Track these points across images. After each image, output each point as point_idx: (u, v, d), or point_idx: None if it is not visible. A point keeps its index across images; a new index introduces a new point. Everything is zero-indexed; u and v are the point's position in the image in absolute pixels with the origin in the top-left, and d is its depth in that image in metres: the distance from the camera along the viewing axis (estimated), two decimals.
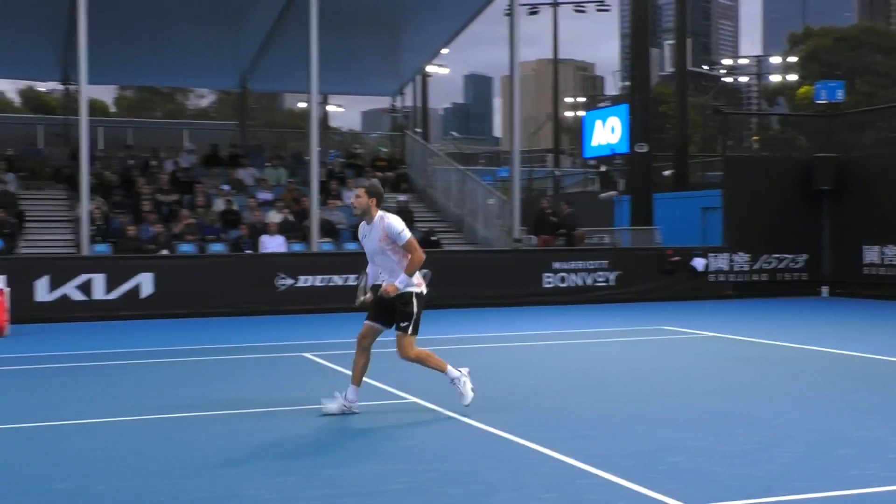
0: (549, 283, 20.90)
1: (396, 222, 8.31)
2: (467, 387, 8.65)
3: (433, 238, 22.40)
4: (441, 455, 7.14)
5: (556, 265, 20.98)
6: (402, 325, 8.39)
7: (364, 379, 8.68)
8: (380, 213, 8.45)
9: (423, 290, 8.56)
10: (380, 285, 8.44)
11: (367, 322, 8.56)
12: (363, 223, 8.57)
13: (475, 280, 20.26)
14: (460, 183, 25.83)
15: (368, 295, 8.51)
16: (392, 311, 8.45)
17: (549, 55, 48.99)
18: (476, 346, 14.03)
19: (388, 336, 8.69)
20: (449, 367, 8.66)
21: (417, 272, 8.45)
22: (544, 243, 23.07)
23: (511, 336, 15.26)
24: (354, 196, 8.51)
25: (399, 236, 8.30)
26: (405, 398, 9.51)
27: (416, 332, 8.46)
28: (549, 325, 16.71)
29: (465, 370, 8.76)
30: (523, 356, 12.93)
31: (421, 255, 8.40)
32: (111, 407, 9.16)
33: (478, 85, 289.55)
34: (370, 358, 8.63)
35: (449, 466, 6.77)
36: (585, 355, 12.97)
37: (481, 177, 28.93)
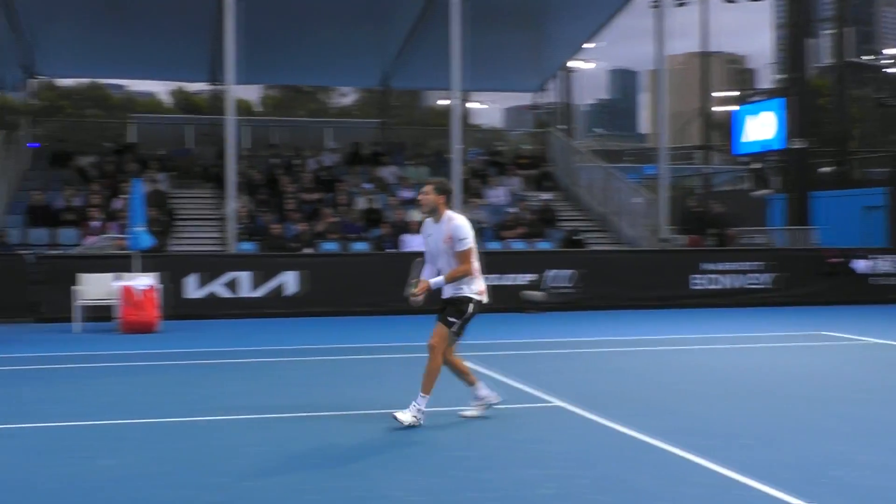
0: (698, 284, 20.45)
1: (464, 226, 8.21)
2: (409, 416, 8.13)
3: (577, 237, 22.23)
4: (589, 461, 7.08)
5: (705, 266, 20.51)
6: (450, 319, 8.30)
7: (507, 381, 8.68)
8: (448, 212, 8.34)
9: (485, 299, 8.44)
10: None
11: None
12: (429, 221, 8.45)
13: (620, 281, 20.00)
14: (605, 181, 25.56)
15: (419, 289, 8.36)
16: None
17: (698, 48, 47.89)
18: (622, 349, 13.84)
19: (529, 338, 8.66)
20: (426, 397, 8.21)
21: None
22: (693, 243, 22.60)
23: (658, 339, 15.01)
24: (422, 192, 8.40)
25: (461, 242, 8.20)
26: (550, 401, 9.46)
27: (458, 334, 8.38)
28: (698, 329, 16.39)
29: (419, 415, 8.16)
30: (672, 360, 12.68)
31: (470, 270, 8.27)
32: (257, 403, 9.43)
33: (623, 80, 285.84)
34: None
35: (598, 473, 6.70)
36: (739, 360, 12.63)
37: (627, 174, 28.58)
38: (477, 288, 8.38)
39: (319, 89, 65.18)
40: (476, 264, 8.36)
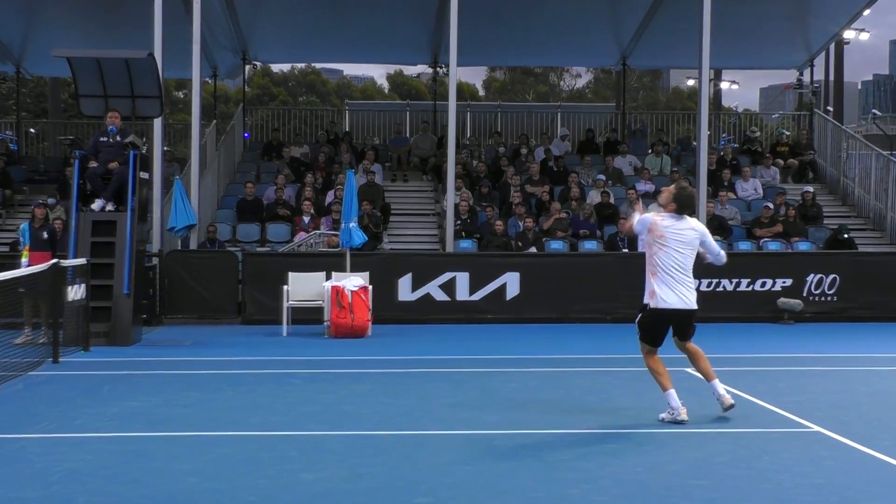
0: None
1: (646, 218, 9.72)
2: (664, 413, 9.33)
3: (845, 236, 21.30)
4: (853, 497, 6.82)
5: None
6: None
7: (753, 400, 8.56)
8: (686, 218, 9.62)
9: (652, 304, 9.53)
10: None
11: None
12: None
13: (894, 289, 19.02)
14: (883, 171, 24.37)
15: None
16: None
17: None
18: (890, 368, 13.18)
19: (782, 352, 8.39)
20: (666, 393, 9.32)
21: (671, 303, 9.48)
22: None
23: None
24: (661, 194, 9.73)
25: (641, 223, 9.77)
26: (802, 425, 9.15)
27: (641, 339, 9.71)
28: None
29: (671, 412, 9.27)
30: None
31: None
32: (469, 418, 9.60)
33: None
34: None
35: None
36: None
37: None
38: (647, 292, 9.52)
39: (549, 70, 65.51)
40: (653, 269, 9.57)
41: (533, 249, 20.26)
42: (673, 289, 9.38)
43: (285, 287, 17.01)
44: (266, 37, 27.97)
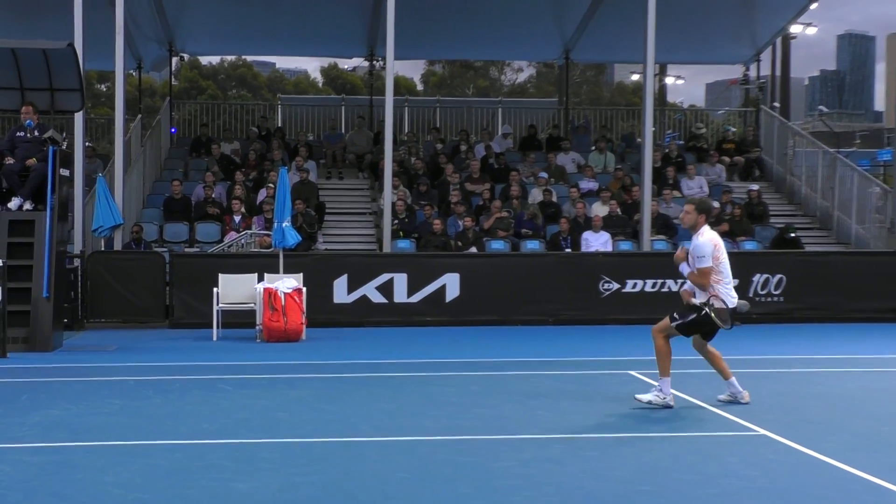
0: None
1: (704, 244, 10.23)
2: (649, 395, 10.43)
3: (791, 235, 21.65)
4: (798, 501, 6.97)
5: None
6: (674, 315, 10.44)
7: (699, 403, 8.69)
8: (703, 228, 10.39)
9: (713, 313, 10.32)
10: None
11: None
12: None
13: (843, 288, 19.38)
14: (829, 169, 24.80)
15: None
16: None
17: None
18: (842, 369, 13.45)
19: (727, 354, 8.53)
20: (664, 379, 10.36)
21: (733, 302, 10.45)
22: None
23: (884, 359, 14.57)
24: (684, 211, 10.58)
25: (699, 260, 10.28)
26: (749, 429, 9.31)
27: (679, 330, 10.43)
28: None
29: (661, 395, 10.39)
30: None
31: (705, 284, 10.32)
32: (409, 424, 9.64)
33: (855, 47, 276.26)
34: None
35: None
36: None
37: (857, 161, 27.66)
38: (704, 299, 10.36)
39: (490, 64, 65.69)
40: (718, 278, 10.34)
41: (473, 250, 20.33)
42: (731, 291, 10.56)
43: (215, 289, 16.90)
44: (194, 27, 27.75)
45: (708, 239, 10.28)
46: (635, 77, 49.23)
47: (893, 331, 17.91)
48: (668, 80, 43.89)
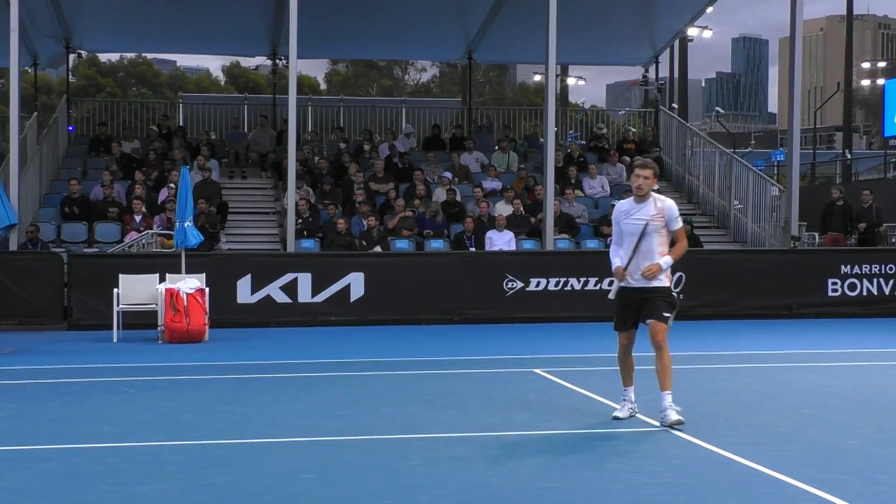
0: (836, 290, 20.09)
1: (674, 205, 9.40)
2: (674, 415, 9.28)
3: (689, 235, 22.03)
4: (696, 495, 7.04)
5: (845, 269, 20.14)
6: (665, 315, 9.41)
7: (601, 400, 8.77)
8: (654, 193, 9.42)
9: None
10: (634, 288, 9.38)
11: (625, 333, 9.65)
12: (626, 202, 9.50)
13: (742, 286, 19.75)
14: (726, 168, 25.28)
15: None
16: (640, 307, 9.44)
17: (841, 11, 47.00)
18: (740, 365, 13.69)
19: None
20: (670, 393, 9.40)
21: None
22: (832, 242, 22.21)
23: (781, 355, 14.82)
24: (642, 178, 9.29)
25: (676, 221, 9.34)
26: (650, 425, 9.41)
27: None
28: (833, 343, 16.17)
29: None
30: (799, 379, 12.51)
31: (686, 245, 9.61)
32: (314, 424, 9.56)
33: (750, 50, 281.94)
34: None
35: None
36: (878, 380, 12.38)
37: (752, 161, 28.23)
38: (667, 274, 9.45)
39: (393, 64, 65.68)
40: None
41: (378, 249, 20.31)
42: None
43: (116, 290, 16.61)
44: (92, 24, 27.22)
45: (671, 201, 9.54)
46: (538, 77, 49.62)
47: (788, 327, 18.31)
48: (570, 81, 44.31)
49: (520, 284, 19.14)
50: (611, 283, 9.79)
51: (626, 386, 9.72)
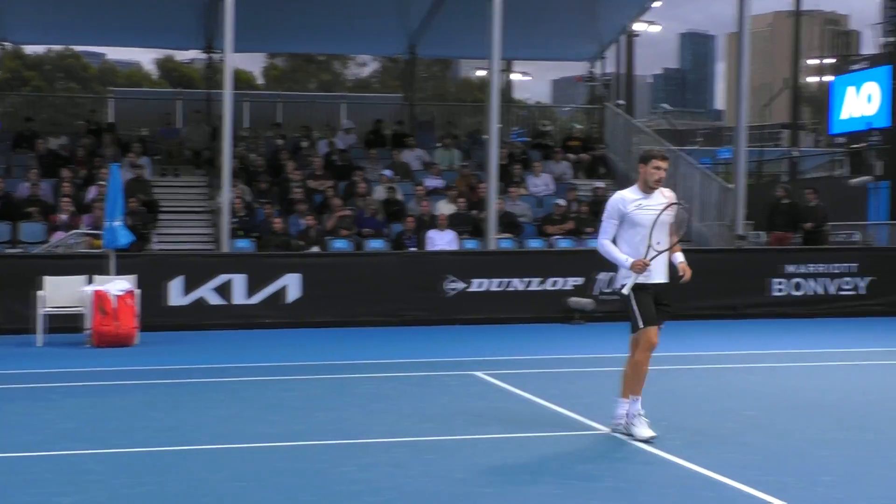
0: (780, 290, 20.31)
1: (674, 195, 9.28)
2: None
3: None
4: (639, 498, 7.09)
5: (790, 269, 20.38)
6: (669, 311, 9.45)
7: (544, 403, 8.78)
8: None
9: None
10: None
11: (655, 328, 9.43)
12: (629, 192, 9.28)
13: (687, 286, 19.79)
14: (672, 166, 25.43)
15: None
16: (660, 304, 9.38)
17: (789, 6, 47.64)
18: (678, 367, 13.79)
19: (572, 353, 8.66)
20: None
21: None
22: (777, 241, 22.46)
23: (727, 356, 14.96)
24: (663, 170, 9.19)
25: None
26: (594, 428, 9.47)
27: None
28: (776, 343, 16.30)
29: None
30: (741, 380, 12.66)
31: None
32: (246, 431, 9.49)
33: (696, 46, 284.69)
34: None
35: None
36: (821, 381, 12.58)
37: (698, 159, 28.47)
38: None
39: (333, 58, 65.48)
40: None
41: (315, 249, 20.23)
42: None
43: (40, 292, 16.38)
44: (17, 15, 26.85)
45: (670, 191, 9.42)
46: (481, 73, 49.65)
47: (731, 327, 18.46)
48: (515, 77, 44.39)
49: (461, 285, 19.14)
50: (554, 284, 9.76)
51: (638, 395, 9.10)
